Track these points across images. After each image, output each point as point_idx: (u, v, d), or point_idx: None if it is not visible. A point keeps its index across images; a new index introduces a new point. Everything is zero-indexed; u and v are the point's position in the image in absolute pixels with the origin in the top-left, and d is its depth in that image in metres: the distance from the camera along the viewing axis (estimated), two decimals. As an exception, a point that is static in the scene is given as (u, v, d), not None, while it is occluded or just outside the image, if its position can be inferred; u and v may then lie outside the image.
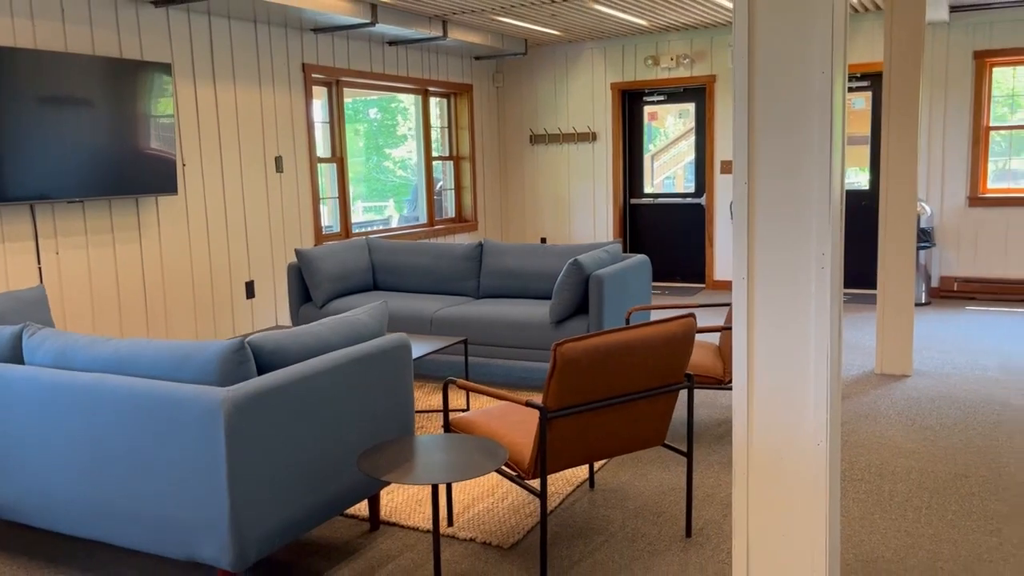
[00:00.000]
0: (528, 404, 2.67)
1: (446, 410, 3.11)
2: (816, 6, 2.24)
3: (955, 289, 7.64)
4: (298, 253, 5.57)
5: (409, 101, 8.58)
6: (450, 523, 3.21)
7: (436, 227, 8.65)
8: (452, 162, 9.07)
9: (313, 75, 6.97)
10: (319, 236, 7.08)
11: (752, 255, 2.39)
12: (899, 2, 5.03)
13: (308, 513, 2.66)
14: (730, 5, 6.99)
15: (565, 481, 3.57)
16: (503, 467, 2.88)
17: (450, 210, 9.13)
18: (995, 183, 7.59)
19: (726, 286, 8.49)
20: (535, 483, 3.58)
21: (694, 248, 8.71)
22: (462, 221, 9.13)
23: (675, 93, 8.66)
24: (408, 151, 8.75)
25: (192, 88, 5.89)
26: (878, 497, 3.35)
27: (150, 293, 5.65)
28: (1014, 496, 3.32)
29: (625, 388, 2.76)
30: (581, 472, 3.67)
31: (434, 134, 8.73)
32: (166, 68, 5.52)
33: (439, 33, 7.31)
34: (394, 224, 8.61)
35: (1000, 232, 7.48)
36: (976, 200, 7.51)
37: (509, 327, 4.91)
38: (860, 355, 5.63)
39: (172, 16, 5.73)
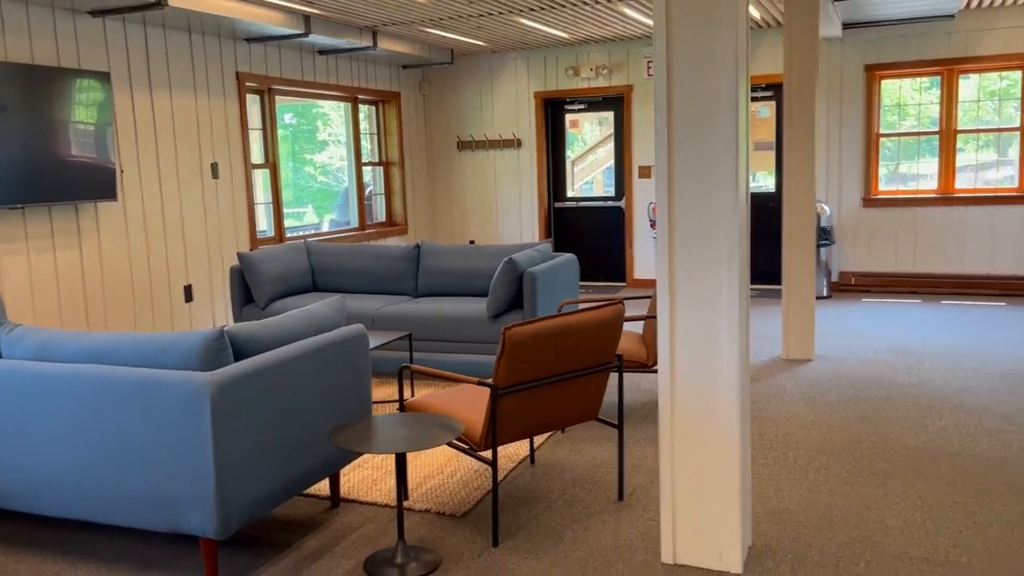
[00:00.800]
0: (480, 383, 3.00)
1: (401, 394, 3.40)
2: (721, 31, 2.64)
3: (852, 283, 8.30)
4: (240, 256, 5.76)
5: (329, 107, 8.78)
6: (406, 497, 3.50)
7: (367, 231, 8.88)
8: (382, 167, 9.32)
9: (246, 83, 7.14)
10: (254, 240, 7.24)
11: (673, 247, 2.77)
12: (796, 19, 5.55)
13: (281, 486, 2.92)
14: (645, 20, 7.48)
15: (508, 458, 3.91)
16: (457, 441, 3.19)
17: (380, 214, 9.37)
18: (886, 185, 8.29)
19: (646, 284, 8.98)
20: (487, 454, 3.90)
21: (615, 248, 9.17)
22: (392, 225, 9.38)
23: (595, 102, 9.12)
24: (329, 156, 8.95)
25: (129, 96, 6.01)
26: (784, 462, 3.80)
27: (90, 298, 5.75)
28: (898, 457, 3.81)
29: (565, 367, 3.12)
30: (522, 449, 4.01)
31: (363, 140, 8.96)
32: (104, 77, 5.63)
33: (369, 43, 7.57)
34: (325, 228, 8.80)
35: (891, 230, 8.17)
36: (869, 201, 8.19)
37: (448, 322, 5.22)
38: (769, 343, 6.14)
39: (109, 26, 5.85)
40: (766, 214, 8.52)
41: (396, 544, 2.95)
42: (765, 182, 8.58)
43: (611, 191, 9.17)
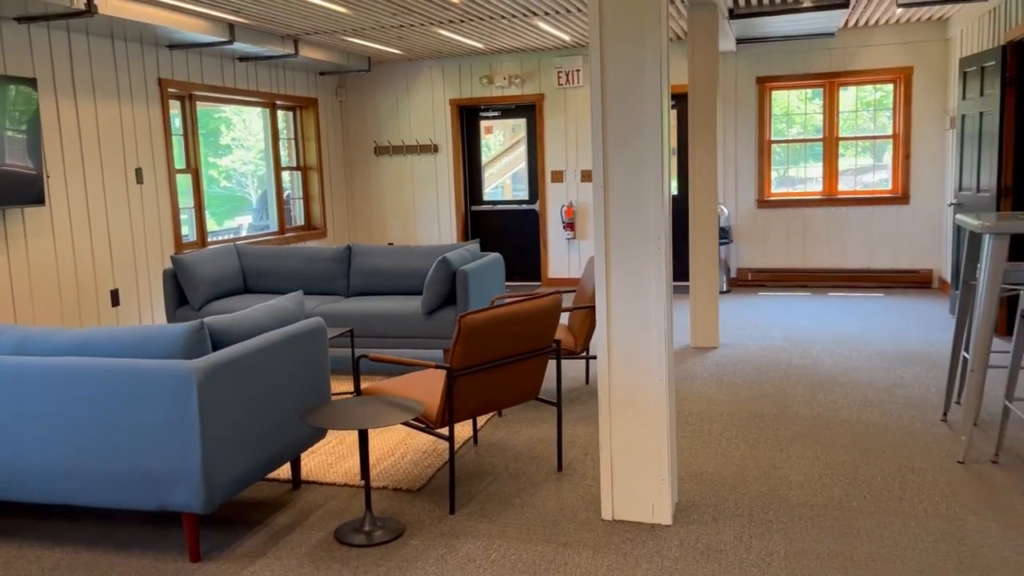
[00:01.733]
0: (437, 366, 3.32)
1: (357, 381, 3.69)
2: (647, 48, 3.05)
3: (749, 278, 8.97)
4: (174, 260, 5.87)
5: (231, 111, 8.86)
6: (362, 476, 3.78)
7: (287, 235, 9.02)
8: (300, 172, 9.46)
9: (168, 89, 7.21)
10: (179, 245, 7.31)
11: (609, 241, 3.17)
12: (698, 35, 6.09)
13: (256, 465, 3.17)
14: (557, 33, 7.93)
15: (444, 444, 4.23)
16: (414, 421, 3.50)
17: (299, 218, 9.51)
18: (777, 188, 9.00)
19: (559, 283, 9.43)
20: (443, 431, 4.21)
21: (530, 249, 9.60)
22: (311, 229, 9.53)
23: (508, 109, 9.53)
24: (232, 161, 9.03)
25: (55, 102, 6.04)
26: (700, 433, 4.26)
27: (19, 302, 5.75)
28: (796, 426, 4.33)
29: (512, 351, 3.48)
30: (465, 431, 4.34)
31: (281, 145, 9.09)
32: (31, 83, 5.66)
33: (291, 51, 7.75)
34: (244, 233, 8.89)
35: (782, 229, 8.88)
36: (763, 203, 8.87)
37: (385, 319, 5.50)
38: (678, 333, 6.66)
39: (34, 32, 5.87)
40: (673, 217, 9.09)
41: (364, 514, 3.25)
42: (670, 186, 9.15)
43: (524, 195, 9.59)
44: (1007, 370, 3.96)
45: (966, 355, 4.30)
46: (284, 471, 3.87)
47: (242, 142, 8.99)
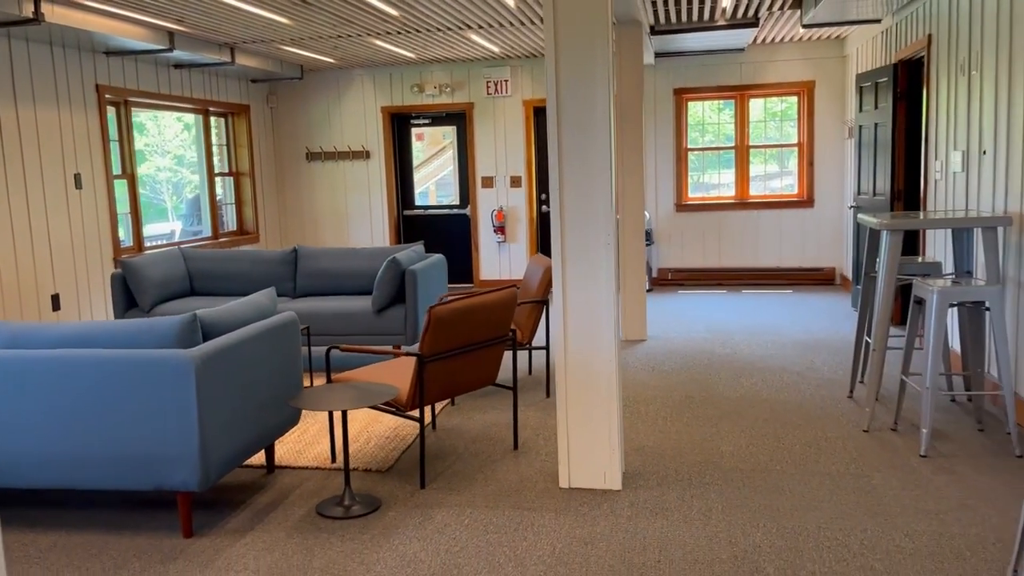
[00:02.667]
0: (408, 354, 3.63)
1: (328, 370, 3.96)
2: (597, 62, 3.45)
3: (669, 278, 9.53)
4: (123, 263, 5.98)
5: (145, 116, 8.88)
6: (333, 460, 4.05)
7: (220, 240, 9.11)
8: (232, 178, 9.55)
9: (106, 95, 7.26)
10: (117, 249, 7.36)
11: (564, 238, 3.54)
12: (625, 48, 6.55)
13: (244, 447, 3.41)
14: (487, 44, 8.30)
15: (413, 426, 4.54)
16: (384, 405, 3.80)
17: (232, 223, 9.59)
18: (694, 193, 9.59)
19: (492, 284, 9.79)
20: (414, 413, 4.50)
21: (462, 252, 9.93)
22: (244, 234, 9.63)
23: (439, 117, 9.85)
24: (147, 168, 9.05)
25: (-4, 107, 6.06)
26: (638, 414, 4.68)
27: (-37, 307, 5.76)
28: (722, 406, 4.80)
29: (474, 339, 3.81)
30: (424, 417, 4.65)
31: (214, 151, 9.17)
32: (-25, 88, 5.69)
33: (227, 59, 7.89)
34: (177, 238, 8.94)
35: (699, 232, 9.47)
36: (681, 207, 9.45)
37: (336, 318, 5.75)
38: (608, 329, 7.11)
39: (-24, 37, 5.89)
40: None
41: (343, 490, 3.53)
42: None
43: (448, 200, 9.92)
44: (902, 351, 4.52)
45: (868, 340, 4.85)
46: (259, 458, 4.10)
47: (156, 148, 9.01)
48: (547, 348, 5.12)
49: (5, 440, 3.21)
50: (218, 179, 9.26)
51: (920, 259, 4.91)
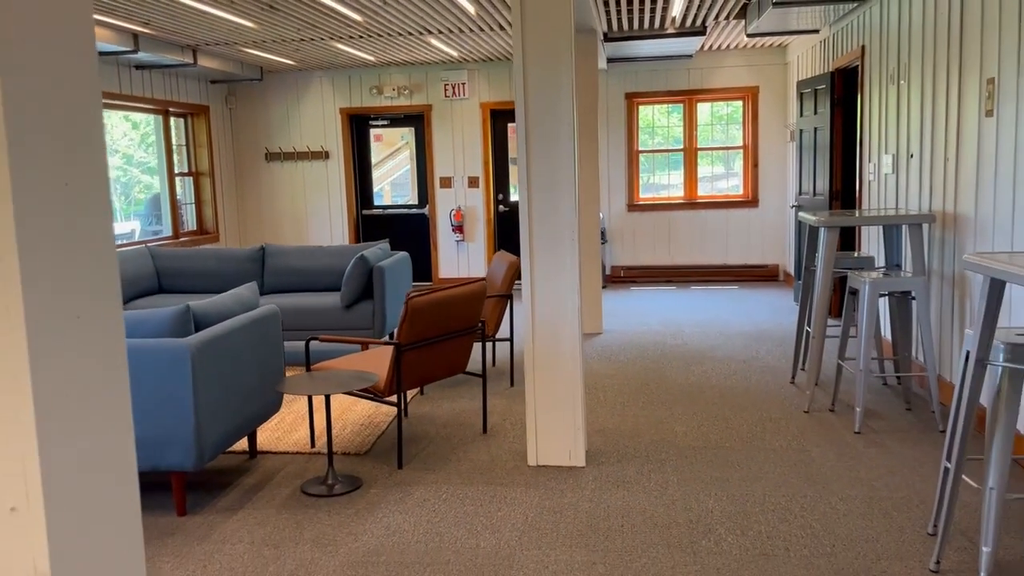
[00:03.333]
0: (386, 343, 3.88)
1: (308, 360, 4.19)
2: (562, 72, 3.74)
3: (622, 275, 9.89)
4: (93, 260, 6.09)
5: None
6: (312, 445, 4.28)
7: (181, 239, 9.20)
8: (192, 178, 9.64)
9: (70, 95, 7.33)
10: (82, 248, 7.42)
11: (532, 233, 3.83)
12: (580, 56, 6.87)
13: (233, 430, 3.63)
14: (447, 49, 8.56)
15: (386, 414, 4.78)
16: (362, 392, 4.04)
17: (192, 223, 9.68)
18: (645, 193, 9.97)
19: (450, 282, 10.04)
20: (392, 399, 4.74)
21: (421, 251, 10.16)
22: (204, 233, 9.72)
23: (397, 119, 10.07)
24: None
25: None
26: (598, 400, 5.00)
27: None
28: (676, 391, 5.14)
29: (447, 329, 4.08)
30: (393, 409, 4.90)
31: (174, 152, 9.26)
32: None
33: (190, 60, 8.01)
34: (137, 238, 9.01)
35: (650, 231, 9.85)
36: (633, 207, 9.82)
37: (306, 313, 5.95)
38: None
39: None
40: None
41: (327, 470, 3.76)
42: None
43: (415, 199, 10.15)
44: (839, 339, 4.91)
45: (808, 329, 5.24)
46: (241, 444, 4.31)
47: (110, 148, 9.09)
48: (511, 340, 5.41)
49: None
50: (178, 179, 9.34)
51: (856, 254, 5.31)
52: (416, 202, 10.16)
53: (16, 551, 1.00)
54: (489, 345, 6.43)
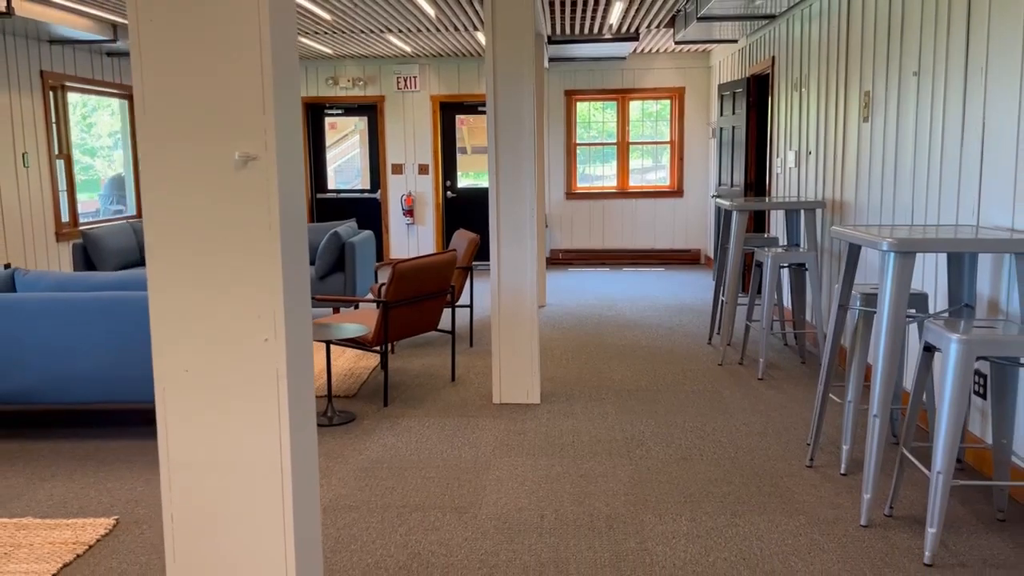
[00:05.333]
0: (375, 300, 4.64)
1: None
2: (524, 77, 4.55)
3: (560, 258, 10.77)
4: (84, 235, 6.65)
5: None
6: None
7: (134, 219, 9.68)
8: (154, 161, 10.11)
9: (48, 81, 7.80)
10: (59, 223, 7.91)
11: (499, 209, 4.63)
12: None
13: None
14: (401, 45, 9.26)
15: (366, 366, 5.53)
16: (352, 342, 4.78)
17: (154, 204, 10.15)
18: (581, 183, 10.86)
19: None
20: (378, 349, 5.47)
21: (374, 233, 10.82)
22: (166, 213, 10.20)
23: (352, 108, 10.72)
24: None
25: (-41, 90, 6.58)
26: (547, 356, 5.83)
27: (-67, 273, 6.28)
28: (611, 350, 6.02)
29: (424, 291, 4.85)
30: (373, 360, 5.64)
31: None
32: (-55, 72, 6.23)
33: (161, 49, 8.52)
34: (102, 216, 9.46)
35: (585, 217, 10.75)
36: (571, 195, 10.70)
37: (283, 283, 6.62)
38: (511, 297, 8.26)
39: (-59, 25, 6.41)
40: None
41: (326, 405, 4.50)
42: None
43: (365, 184, 10.82)
44: (747, 307, 5.86)
45: (723, 297, 6.18)
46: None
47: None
48: (471, 306, 6.20)
49: (61, 365, 4.02)
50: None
51: (766, 235, 6.27)
52: (369, 187, 10.83)
53: (267, 366, 1.75)
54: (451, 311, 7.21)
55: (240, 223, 1.72)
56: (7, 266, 7.12)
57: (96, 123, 9.48)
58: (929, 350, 3.15)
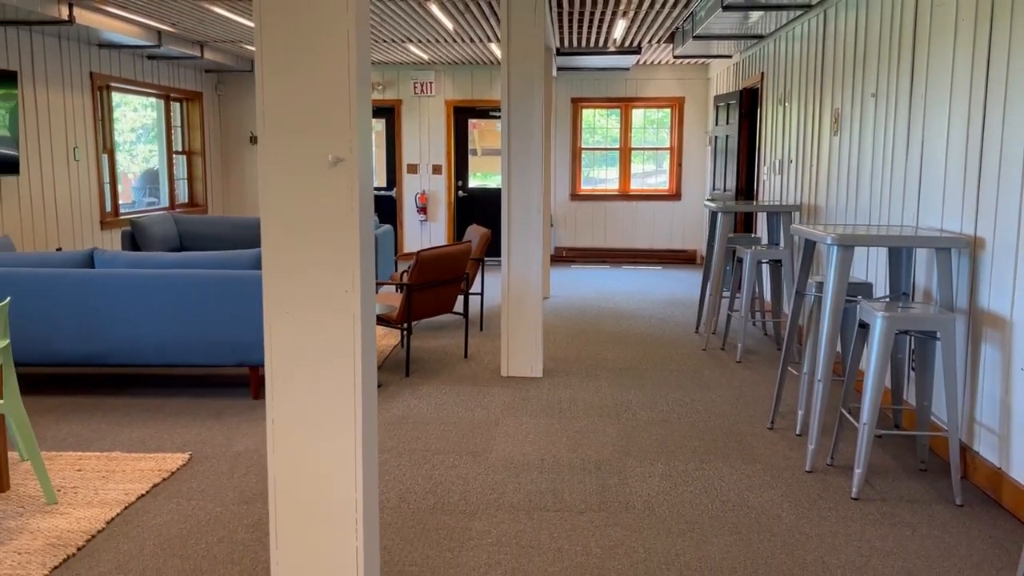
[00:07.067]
0: (399, 283, 5.31)
1: (336, 298, 5.58)
2: (535, 86, 5.22)
3: (564, 255, 11.44)
4: (133, 223, 7.33)
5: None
6: (337, 362, 5.68)
7: (176, 210, 10.37)
8: (185, 156, 10.81)
9: (96, 82, 8.49)
10: (103, 213, 8.61)
11: (510, 204, 5.30)
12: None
13: (292, 342, 5.01)
14: (420, 53, 9.93)
15: (385, 344, 6.20)
16: (382, 318, 5.45)
17: (184, 196, 10.85)
18: (585, 185, 11.52)
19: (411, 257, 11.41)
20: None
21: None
22: (195, 206, 10.91)
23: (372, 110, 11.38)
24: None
25: (23, 91, 7.28)
26: (549, 339, 6.50)
27: (-3, 254, 6.97)
28: (608, 336, 6.68)
29: (442, 276, 5.52)
30: (393, 339, 6.31)
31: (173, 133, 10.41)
32: (13, 76, 6.92)
33: (197, 54, 9.22)
34: (137, 208, 10.15)
35: (589, 218, 11.41)
36: (575, 196, 11.36)
37: (312, 270, 7.30)
38: (518, 289, 8.93)
39: (10, 32, 7.10)
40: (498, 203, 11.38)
41: (357, 374, 5.17)
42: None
43: (383, 183, 11.50)
44: (729, 299, 6.52)
45: (709, 291, 6.83)
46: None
47: None
48: (481, 294, 6.87)
49: (140, 333, 4.70)
50: (175, 157, 10.50)
51: (753, 235, 6.93)
52: (386, 185, 11.51)
53: (346, 310, 2.42)
54: (464, 300, 7.87)
55: (331, 206, 2.39)
56: (59, 249, 7.80)
57: (119, 119, 10.18)
58: (864, 327, 3.81)
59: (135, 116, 10.20)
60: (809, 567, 2.92)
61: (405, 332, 5.42)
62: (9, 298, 3.40)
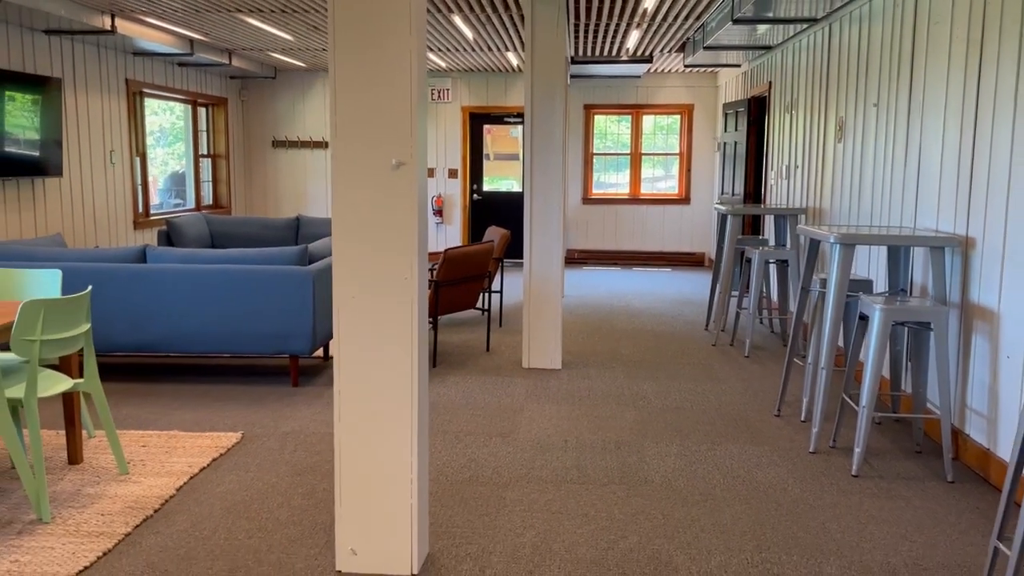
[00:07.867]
0: (429, 281, 5.64)
1: (367, 293, 5.93)
2: (556, 95, 5.56)
3: (576, 257, 11.77)
4: (168, 223, 7.69)
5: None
6: (367, 354, 6.02)
7: (202, 211, 10.73)
8: (210, 160, 11.18)
9: (131, 88, 8.86)
10: (136, 213, 8.97)
11: (532, 203, 5.64)
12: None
13: (326, 334, 5.35)
14: (439, 61, 10.28)
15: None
16: (408, 315, 5.79)
17: (208, 198, 11.22)
18: (597, 189, 11.86)
19: (431, 258, 11.76)
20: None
21: (405, 231, 11.86)
22: (219, 207, 11.27)
23: (390, 116, 11.74)
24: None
25: (63, 97, 7.65)
26: (565, 336, 6.83)
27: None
28: (621, 333, 7.01)
29: (467, 273, 5.86)
30: (417, 336, 6.65)
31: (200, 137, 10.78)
32: (58, 83, 7.29)
33: (226, 61, 9.59)
34: (164, 209, 10.51)
35: (600, 220, 11.74)
36: (587, 200, 11.70)
37: (338, 268, 7.66)
38: (533, 289, 9.26)
39: (53, 41, 7.47)
40: (518, 206, 11.72)
41: (388, 364, 5.51)
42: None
43: (401, 186, 11.85)
44: (737, 298, 6.85)
45: (719, 290, 7.15)
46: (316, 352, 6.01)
47: None
48: (500, 291, 7.21)
49: (185, 323, 5.04)
50: (200, 160, 10.87)
51: (760, 236, 7.25)
52: (403, 188, 11.85)
53: (405, 296, 2.75)
54: (485, 297, 8.21)
55: (394, 205, 2.73)
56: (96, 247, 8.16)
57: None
58: (864, 319, 4.14)
59: (153, 120, 10.57)
60: (812, 532, 3.24)
61: (431, 326, 5.76)
62: (91, 287, 3.75)
